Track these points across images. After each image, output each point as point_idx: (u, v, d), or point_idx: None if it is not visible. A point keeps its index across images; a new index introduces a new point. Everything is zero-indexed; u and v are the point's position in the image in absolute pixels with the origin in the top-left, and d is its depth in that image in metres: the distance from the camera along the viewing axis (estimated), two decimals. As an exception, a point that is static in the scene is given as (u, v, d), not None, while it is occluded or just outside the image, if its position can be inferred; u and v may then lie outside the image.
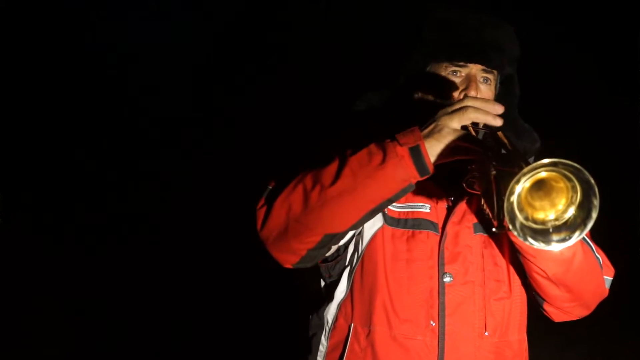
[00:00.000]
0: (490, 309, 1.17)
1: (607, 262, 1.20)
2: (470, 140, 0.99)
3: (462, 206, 1.19)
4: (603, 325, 2.61)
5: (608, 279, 1.19)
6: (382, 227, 1.18)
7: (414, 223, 1.18)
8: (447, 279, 1.15)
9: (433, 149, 0.99)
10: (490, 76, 1.20)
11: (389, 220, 1.18)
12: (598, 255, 1.16)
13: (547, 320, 1.25)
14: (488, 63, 1.19)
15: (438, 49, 1.20)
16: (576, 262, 1.06)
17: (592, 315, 1.24)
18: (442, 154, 1.00)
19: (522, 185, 0.84)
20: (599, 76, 3.23)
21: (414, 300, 1.16)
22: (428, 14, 1.26)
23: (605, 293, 1.19)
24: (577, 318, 1.22)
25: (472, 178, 1.09)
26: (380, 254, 1.18)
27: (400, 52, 1.28)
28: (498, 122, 0.99)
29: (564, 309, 1.18)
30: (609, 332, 3.27)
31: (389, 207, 1.16)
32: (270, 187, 1.15)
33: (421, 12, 1.27)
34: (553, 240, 0.87)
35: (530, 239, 0.86)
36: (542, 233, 0.88)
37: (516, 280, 1.21)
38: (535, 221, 0.88)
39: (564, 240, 0.87)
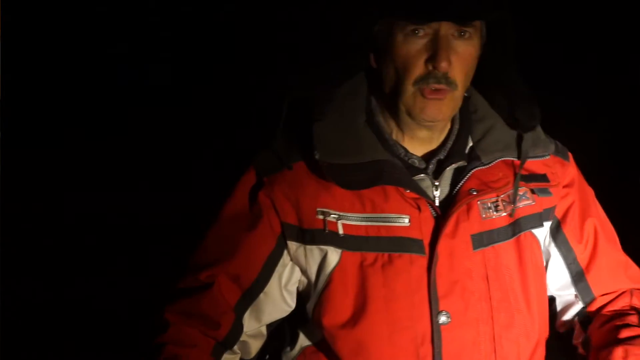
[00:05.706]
0: (502, 351, 0.86)
1: None
2: None
3: (455, 212, 0.85)
4: None
5: None
6: (340, 257, 0.85)
7: (390, 243, 0.85)
8: (442, 319, 0.83)
9: None
10: (469, 28, 0.81)
11: (349, 241, 0.85)
12: None
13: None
14: (461, 17, 0.79)
15: (393, 3, 0.80)
16: None
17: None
18: None
19: None
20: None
21: (397, 352, 0.84)
22: None
23: None
24: None
25: None
26: (341, 294, 0.86)
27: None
28: None
29: None
30: None
31: (347, 221, 0.84)
32: None
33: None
34: None
35: None
36: None
37: (537, 301, 0.90)
38: None
39: None
